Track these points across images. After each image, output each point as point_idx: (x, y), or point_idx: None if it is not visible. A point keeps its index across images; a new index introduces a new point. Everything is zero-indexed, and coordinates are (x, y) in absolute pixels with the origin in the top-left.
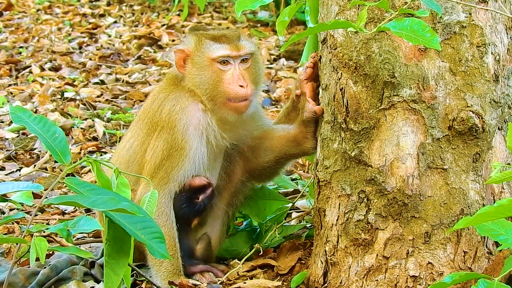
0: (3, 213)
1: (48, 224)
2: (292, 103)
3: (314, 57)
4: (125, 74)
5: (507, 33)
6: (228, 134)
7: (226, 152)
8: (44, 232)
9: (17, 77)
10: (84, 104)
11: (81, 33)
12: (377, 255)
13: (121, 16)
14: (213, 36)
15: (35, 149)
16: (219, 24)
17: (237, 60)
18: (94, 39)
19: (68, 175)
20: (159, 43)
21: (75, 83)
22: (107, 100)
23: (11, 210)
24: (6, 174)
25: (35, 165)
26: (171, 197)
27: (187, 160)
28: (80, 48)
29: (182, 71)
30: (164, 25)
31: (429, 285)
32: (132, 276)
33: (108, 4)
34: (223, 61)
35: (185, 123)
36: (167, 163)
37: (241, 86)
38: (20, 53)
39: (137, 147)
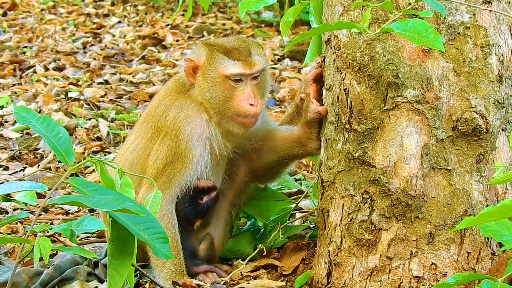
0: (7, 213)
1: (51, 224)
2: (295, 108)
3: (320, 61)
4: (129, 74)
5: (511, 34)
6: (231, 144)
7: (229, 155)
8: (47, 232)
9: (21, 77)
10: (88, 104)
11: (85, 33)
12: (380, 255)
13: (125, 16)
14: (225, 50)
15: (39, 149)
16: (223, 24)
17: (249, 77)
18: (98, 39)
19: (72, 175)
20: (163, 43)
21: (79, 83)
22: (111, 100)
23: (15, 210)
24: (10, 174)
25: (39, 165)
26: (172, 201)
27: (189, 167)
28: (84, 48)
29: (192, 80)
30: (168, 25)
31: (432, 285)
32: (135, 276)
33: (112, 4)
34: (236, 79)
35: (189, 131)
36: (169, 169)
37: (251, 104)
38: (24, 53)
39: (140, 150)
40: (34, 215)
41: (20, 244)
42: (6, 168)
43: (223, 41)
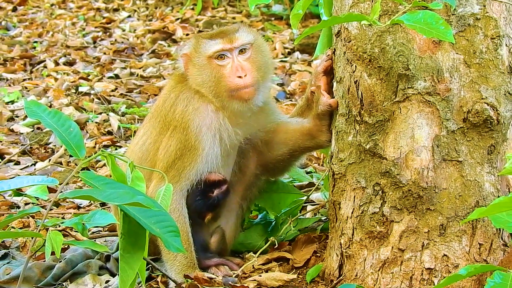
0: (19, 207)
1: (63, 218)
2: (306, 101)
3: (330, 54)
4: (140, 68)
5: None
6: (241, 129)
7: (239, 147)
8: (59, 226)
9: (31, 72)
10: (99, 98)
11: (95, 27)
12: (392, 247)
13: (135, 11)
14: (210, 34)
15: (50, 143)
16: (233, 18)
17: (234, 52)
18: (108, 33)
19: (83, 169)
20: (173, 37)
21: (89, 78)
22: (121, 94)
23: (26, 204)
24: (21, 169)
25: (50, 160)
26: (183, 195)
27: (199, 160)
28: (94, 42)
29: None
30: (178, 19)
31: (444, 277)
32: (147, 270)
33: None
34: (220, 55)
35: (198, 124)
36: (179, 162)
37: (239, 77)
38: (34, 47)
39: (149, 145)
40: (46, 209)
41: (32, 238)
42: (18, 163)
43: (214, 29)
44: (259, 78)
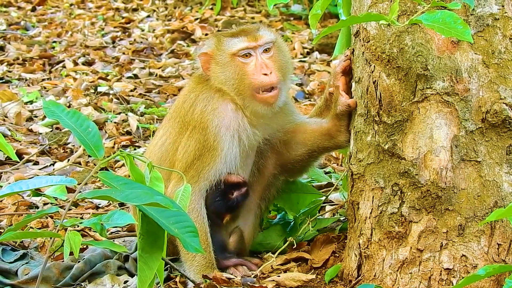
0: (37, 207)
1: (82, 218)
2: (325, 101)
3: (348, 54)
4: (159, 68)
5: None
6: (260, 130)
7: (258, 147)
8: (78, 226)
9: (50, 72)
10: (118, 99)
11: (114, 27)
12: (411, 247)
13: (154, 10)
14: (231, 33)
15: (68, 143)
16: (252, 18)
17: (258, 50)
18: (127, 33)
19: (101, 169)
20: (192, 37)
21: (108, 78)
22: (140, 94)
23: (45, 204)
24: (40, 169)
25: (68, 160)
26: (201, 195)
27: (218, 160)
28: (113, 42)
29: (209, 73)
30: (197, 19)
31: (463, 277)
32: (165, 270)
33: None
34: (245, 54)
35: (216, 124)
36: (198, 162)
37: (264, 74)
38: (53, 47)
39: (169, 145)
40: (64, 209)
41: (51, 238)
42: (36, 163)
43: (233, 28)
44: (281, 78)
